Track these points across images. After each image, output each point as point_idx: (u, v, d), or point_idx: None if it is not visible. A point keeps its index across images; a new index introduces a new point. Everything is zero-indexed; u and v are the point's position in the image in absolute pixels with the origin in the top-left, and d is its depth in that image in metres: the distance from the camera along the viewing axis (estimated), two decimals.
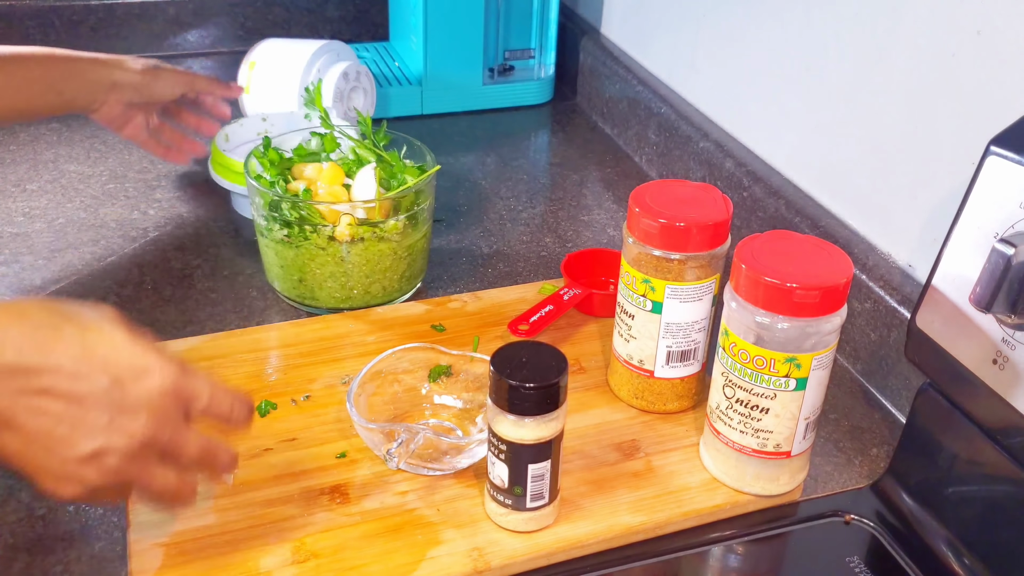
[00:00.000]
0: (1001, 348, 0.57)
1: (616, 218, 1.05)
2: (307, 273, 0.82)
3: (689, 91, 1.10)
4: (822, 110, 0.87)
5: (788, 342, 0.60)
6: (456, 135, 1.24)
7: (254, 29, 1.41)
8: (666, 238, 0.67)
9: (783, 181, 0.92)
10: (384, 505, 0.64)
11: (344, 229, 0.79)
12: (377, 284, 0.84)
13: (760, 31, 0.94)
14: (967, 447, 0.63)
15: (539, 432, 0.58)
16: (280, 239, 0.81)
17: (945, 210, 0.73)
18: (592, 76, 1.29)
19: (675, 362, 0.71)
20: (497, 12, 1.26)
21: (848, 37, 0.82)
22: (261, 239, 0.84)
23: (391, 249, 0.82)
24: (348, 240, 0.80)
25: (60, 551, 0.62)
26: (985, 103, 0.68)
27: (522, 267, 0.95)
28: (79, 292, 0.88)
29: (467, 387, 0.72)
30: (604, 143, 1.24)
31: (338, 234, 0.79)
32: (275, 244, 0.82)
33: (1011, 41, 0.66)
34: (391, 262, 0.83)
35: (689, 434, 0.72)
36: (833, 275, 0.59)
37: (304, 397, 0.73)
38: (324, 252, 0.81)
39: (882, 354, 0.77)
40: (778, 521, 0.67)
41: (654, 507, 0.65)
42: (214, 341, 0.79)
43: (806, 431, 0.64)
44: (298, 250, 0.81)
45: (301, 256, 0.81)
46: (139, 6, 1.35)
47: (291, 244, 0.81)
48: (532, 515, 0.62)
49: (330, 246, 0.80)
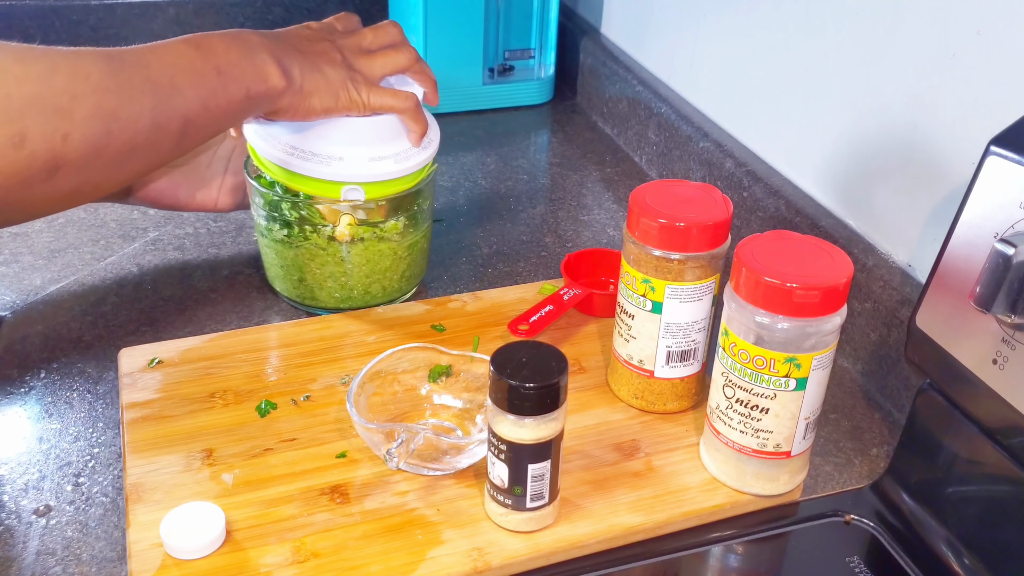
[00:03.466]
0: (1001, 348, 0.57)
1: (616, 218, 1.05)
2: (307, 273, 0.82)
3: (689, 91, 1.10)
4: (822, 110, 0.87)
5: (788, 342, 0.60)
6: (456, 135, 1.23)
7: (254, 29, 1.41)
8: (666, 238, 0.67)
9: (783, 181, 0.92)
10: (384, 505, 0.64)
11: (344, 229, 0.79)
12: (377, 284, 0.84)
13: (760, 31, 0.94)
14: (967, 447, 0.63)
15: (539, 432, 0.58)
16: (280, 239, 0.81)
17: (945, 210, 0.73)
18: (592, 76, 1.29)
19: (675, 362, 0.71)
20: (497, 12, 1.26)
21: (848, 37, 0.82)
22: (261, 239, 0.84)
23: (391, 249, 0.82)
24: (348, 240, 0.80)
25: (60, 551, 0.62)
26: (985, 103, 0.68)
27: (522, 267, 0.95)
28: (79, 292, 0.88)
29: (467, 387, 0.72)
30: (604, 143, 1.24)
31: (338, 234, 0.79)
32: (275, 244, 0.82)
33: (1011, 41, 0.66)
34: (391, 262, 0.83)
35: (689, 434, 0.72)
36: (833, 275, 0.59)
37: (304, 397, 0.73)
38: (324, 252, 0.80)
39: (882, 354, 0.77)
40: (778, 521, 0.67)
41: (654, 507, 0.65)
42: (214, 341, 0.79)
43: (806, 431, 0.64)
44: (298, 250, 0.81)
45: (301, 256, 0.81)
46: (139, 6, 1.35)
47: (291, 244, 0.81)
48: (532, 515, 0.62)
49: (330, 246, 0.80)
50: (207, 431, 0.70)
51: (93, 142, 0.55)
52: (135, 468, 0.66)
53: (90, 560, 0.62)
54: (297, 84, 0.69)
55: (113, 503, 0.66)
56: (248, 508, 0.63)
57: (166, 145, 0.62)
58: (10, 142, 0.50)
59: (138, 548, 0.60)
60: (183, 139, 0.64)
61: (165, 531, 0.59)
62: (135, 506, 0.63)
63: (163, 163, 0.68)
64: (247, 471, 0.66)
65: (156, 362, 0.76)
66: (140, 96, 0.59)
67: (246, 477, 0.66)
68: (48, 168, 0.53)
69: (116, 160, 0.58)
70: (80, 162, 0.55)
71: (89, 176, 0.56)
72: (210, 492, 0.64)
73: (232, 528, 0.62)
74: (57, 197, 0.56)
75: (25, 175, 0.52)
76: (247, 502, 0.64)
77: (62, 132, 0.53)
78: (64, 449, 0.70)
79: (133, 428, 0.69)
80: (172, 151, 0.64)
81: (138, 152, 0.60)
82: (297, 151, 0.77)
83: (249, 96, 0.67)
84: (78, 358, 0.80)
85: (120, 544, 0.63)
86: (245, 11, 1.41)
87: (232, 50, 0.67)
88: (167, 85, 0.61)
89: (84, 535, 0.63)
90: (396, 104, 0.77)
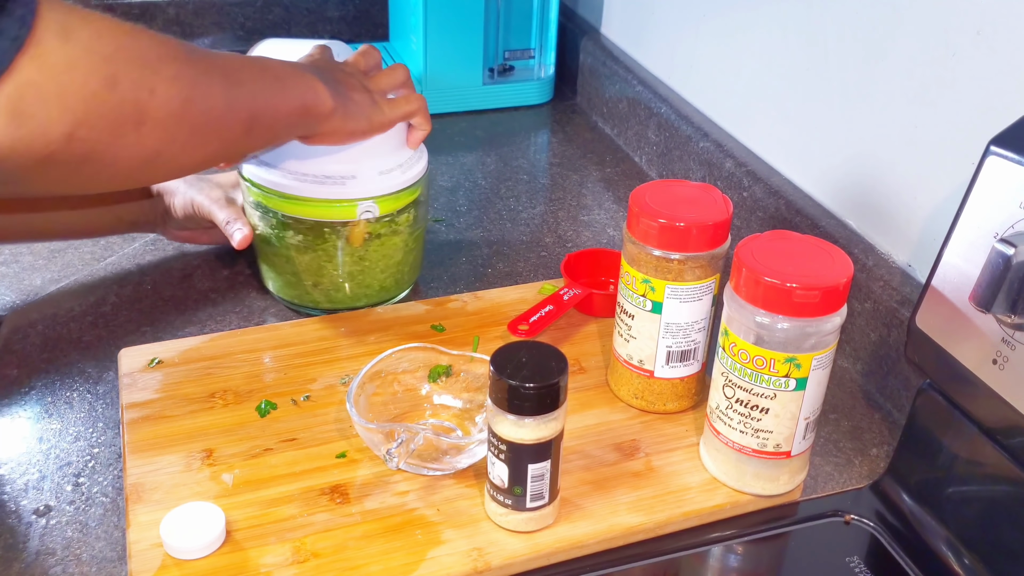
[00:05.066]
0: (1001, 348, 0.57)
1: (616, 218, 1.05)
2: (324, 276, 0.82)
3: (689, 91, 1.10)
4: (822, 110, 0.87)
5: (788, 342, 0.60)
6: (456, 135, 1.24)
7: (254, 29, 1.41)
8: (666, 238, 0.67)
9: (783, 181, 0.92)
10: (384, 505, 0.64)
11: (362, 228, 0.79)
12: (391, 278, 0.85)
13: (760, 31, 0.94)
14: (967, 447, 0.63)
15: (539, 432, 0.58)
16: (296, 243, 0.81)
17: (945, 210, 0.73)
18: (592, 76, 1.29)
19: (675, 362, 0.71)
20: (497, 12, 1.26)
21: (848, 37, 0.82)
22: (267, 248, 0.83)
23: (403, 241, 0.83)
24: (367, 238, 0.80)
25: (60, 551, 0.62)
26: (985, 103, 0.68)
27: (522, 267, 0.95)
28: (79, 292, 0.88)
29: (467, 387, 0.72)
30: (604, 143, 1.24)
31: (356, 234, 0.80)
32: (289, 251, 0.81)
33: (1011, 41, 0.66)
34: (403, 255, 0.84)
35: (689, 434, 0.72)
36: (833, 275, 0.59)
37: (304, 397, 0.73)
38: (343, 252, 0.81)
39: (882, 354, 0.77)
40: (778, 521, 0.67)
41: (654, 507, 0.65)
42: (214, 341, 0.79)
43: (806, 431, 0.64)
44: (315, 253, 0.81)
45: (318, 259, 0.81)
46: (139, 6, 1.35)
47: (307, 248, 0.81)
48: (532, 515, 0.62)
49: (347, 246, 0.80)
50: (207, 431, 0.70)
51: (175, 106, 0.57)
52: (135, 468, 0.66)
53: (90, 560, 0.62)
54: (341, 108, 0.72)
55: (113, 503, 0.66)
56: (248, 508, 0.63)
57: (235, 133, 0.64)
58: (104, 83, 0.52)
59: (138, 548, 0.60)
60: (249, 133, 0.66)
61: (165, 531, 0.59)
62: (135, 506, 0.63)
63: (229, 157, 0.70)
64: (247, 471, 0.66)
65: (156, 362, 0.76)
66: (213, 76, 0.61)
67: (246, 477, 0.66)
68: (135, 118, 0.55)
69: (194, 134, 0.60)
70: (164, 121, 0.57)
71: (170, 142, 0.58)
72: (210, 492, 0.64)
73: (232, 528, 0.62)
74: (140, 156, 0.57)
75: (115, 119, 0.54)
76: (247, 502, 0.64)
77: (149, 86, 0.55)
78: (64, 449, 0.70)
79: (133, 428, 0.69)
80: (238, 143, 0.66)
81: (211, 132, 0.62)
82: (309, 177, 0.77)
83: (304, 107, 0.69)
84: (78, 358, 0.80)
85: (120, 544, 0.63)
86: (245, 11, 1.41)
87: (287, 66, 0.70)
88: (235, 76, 0.64)
89: (84, 535, 0.63)
90: (411, 108, 0.79)
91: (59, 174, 0.54)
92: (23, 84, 0.49)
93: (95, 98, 0.52)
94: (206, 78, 0.60)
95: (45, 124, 0.50)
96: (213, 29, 1.41)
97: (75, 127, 0.52)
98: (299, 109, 0.69)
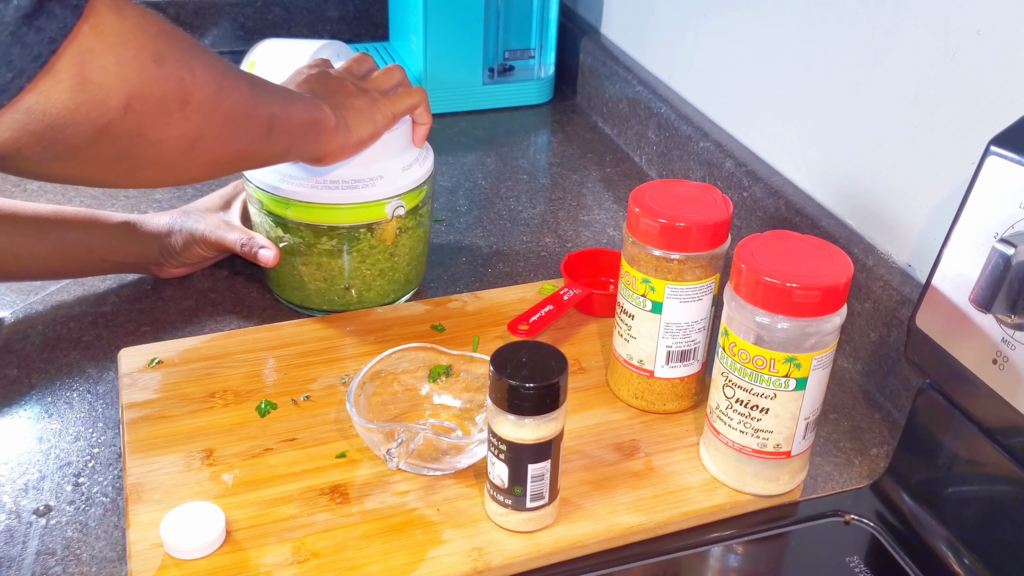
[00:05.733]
0: (1001, 348, 0.57)
1: (616, 218, 1.05)
2: (356, 278, 0.82)
3: (689, 91, 1.10)
4: (822, 110, 0.87)
5: (788, 342, 0.60)
6: (456, 135, 1.24)
7: (254, 29, 1.41)
8: (666, 238, 0.67)
9: (783, 181, 0.92)
10: (384, 505, 0.64)
11: (394, 224, 0.80)
12: (415, 270, 0.86)
13: (760, 31, 0.94)
14: (967, 447, 0.63)
15: (539, 432, 0.58)
16: (330, 248, 0.80)
17: (945, 210, 0.73)
18: (592, 76, 1.29)
19: (675, 362, 0.71)
20: (497, 12, 1.26)
21: (848, 37, 0.82)
22: (292, 259, 0.82)
23: (424, 232, 0.85)
24: (397, 233, 0.81)
25: (60, 551, 0.62)
26: (985, 103, 0.68)
27: (522, 267, 0.95)
28: (79, 292, 0.88)
29: (467, 387, 0.72)
30: (604, 143, 1.24)
31: (388, 231, 0.80)
32: (321, 257, 0.81)
33: (1011, 41, 0.66)
34: (423, 244, 0.86)
35: (689, 434, 0.72)
36: (833, 275, 0.59)
37: (304, 397, 0.73)
38: (375, 250, 0.81)
39: (882, 354, 0.77)
40: (778, 521, 0.67)
41: (654, 507, 0.65)
42: (214, 341, 0.79)
43: (806, 431, 0.64)
44: (350, 256, 0.81)
45: (352, 262, 0.81)
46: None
47: (340, 253, 0.81)
48: (532, 515, 0.62)
49: (380, 243, 0.81)
50: (207, 431, 0.70)
51: (211, 91, 0.59)
52: (135, 468, 0.66)
53: (90, 560, 0.62)
54: (343, 122, 0.73)
55: (113, 503, 0.66)
56: (248, 508, 0.63)
57: (259, 132, 0.66)
58: (153, 58, 0.54)
59: (138, 548, 0.60)
60: (269, 134, 0.67)
61: (165, 531, 0.59)
62: (135, 506, 0.63)
63: (253, 158, 0.70)
64: (247, 471, 0.66)
65: (156, 362, 0.76)
66: (238, 73, 0.64)
67: (246, 477, 0.66)
68: (180, 97, 0.57)
69: (226, 124, 0.62)
70: (204, 104, 0.59)
71: (208, 126, 0.60)
72: (210, 492, 0.64)
73: (232, 528, 0.62)
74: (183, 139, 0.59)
75: (163, 95, 0.56)
76: (247, 502, 0.64)
77: (189, 66, 0.57)
78: (64, 449, 0.70)
79: (133, 428, 0.69)
80: (261, 143, 0.67)
81: (241, 124, 0.64)
82: (340, 184, 0.78)
83: (313, 120, 0.71)
84: (78, 358, 0.80)
85: (120, 544, 0.63)
86: (245, 11, 1.41)
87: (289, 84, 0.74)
88: (254, 79, 0.66)
89: (84, 535, 0.63)
90: (413, 100, 0.80)
91: (112, 151, 0.55)
92: (84, 51, 0.50)
93: (147, 71, 0.54)
94: (232, 72, 0.63)
95: (105, 91, 0.52)
96: (213, 29, 1.41)
97: (130, 98, 0.53)
98: (309, 121, 0.70)
